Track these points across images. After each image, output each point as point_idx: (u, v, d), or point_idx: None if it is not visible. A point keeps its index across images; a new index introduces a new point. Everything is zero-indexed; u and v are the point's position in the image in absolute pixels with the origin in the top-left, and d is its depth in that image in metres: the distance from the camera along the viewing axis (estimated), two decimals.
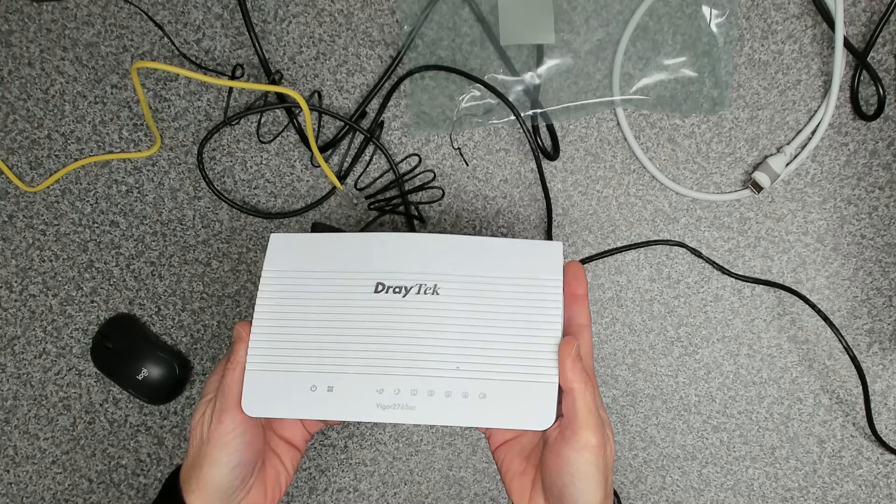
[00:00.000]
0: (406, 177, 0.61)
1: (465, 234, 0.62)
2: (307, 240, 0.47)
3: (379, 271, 0.45)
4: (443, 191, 0.62)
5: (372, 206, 0.61)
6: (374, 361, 0.44)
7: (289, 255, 0.46)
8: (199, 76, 0.56)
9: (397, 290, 0.45)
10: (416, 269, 0.45)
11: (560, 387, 0.43)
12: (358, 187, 0.62)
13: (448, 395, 0.43)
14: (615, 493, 0.47)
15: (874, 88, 0.59)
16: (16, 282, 0.63)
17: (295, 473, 0.50)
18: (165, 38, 0.61)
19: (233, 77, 0.60)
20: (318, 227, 0.51)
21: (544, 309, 0.44)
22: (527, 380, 0.43)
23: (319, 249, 0.46)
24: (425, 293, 0.45)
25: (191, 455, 0.45)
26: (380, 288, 0.45)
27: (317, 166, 0.62)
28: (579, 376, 0.42)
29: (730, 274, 0.61)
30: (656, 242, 0.61)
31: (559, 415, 0.43)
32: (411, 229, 0.61)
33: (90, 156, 0.62)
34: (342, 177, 0.62)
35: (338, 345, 0.45)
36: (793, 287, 0.61)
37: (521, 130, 0.61)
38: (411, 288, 0.45)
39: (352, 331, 0.45)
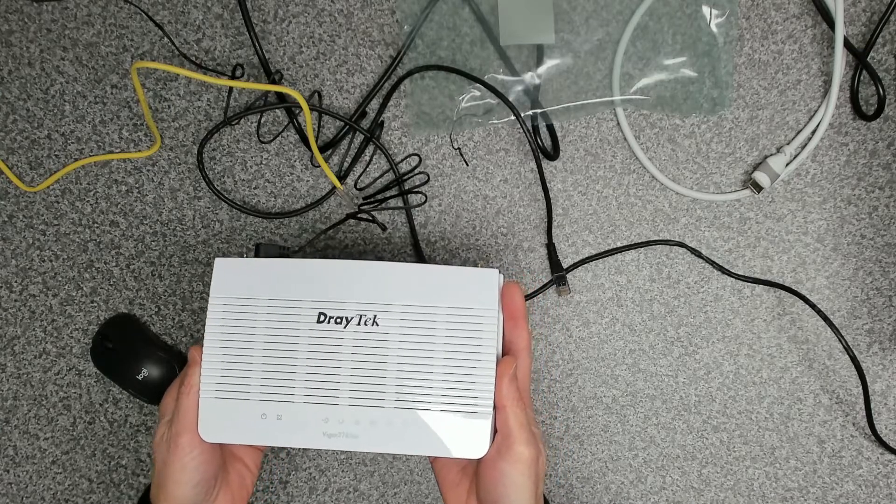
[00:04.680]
0: (406, 177, 0.61)
1: (464, 231, 0.62)
2: (252, 265, 0.48)
3: (321, 300, 0.47)
4: (425, 196, 0.61)
5: (363, 206, 0.61)
6: (318, 391, 0.47)
7: (235, 280, 0.48)
8: (199, 76, 0.56)
9: (338, 320, 0.47)
10: (356, 298, 0.47)
11: (495, 408, 0.46)
12: (358, 187, 0.62)
13: (389, 425, 0.46)
14: (546, 500, 0.49)
15: (874, 88, 0.59)
16: (16, 282, 0.63)
17: (259, 471, 0.53)
18: (165, 38, 0.61)
19: (233, 77, 0.60)
20: (261, 249, 0.52)
21: (479, 339, 0.46)
22: (463, 410, 0.46)
23: (264, 276, 0.48)
24: (365, 324, 0.47)
25: (155, 475, 0.47)
26: (322, 318, 0.47)
27: (317, 166, 0.62)
28: (512, 394, 0.45)
29: (730, 274, 0.61)
30: (656, 242, 0.61)
31: (493, 434, 0.46)
32: (413, 240, 0.61)
33: (90, 156, 0.62)
34: (342, 177, 0.62)
35: (284, 374, 0.47)
36: (793, 287, 0.61)
37: (521, 130, 0.61)
38: (352, 319, 0.47)
39: (297, 360, 0.47)
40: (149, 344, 0.61)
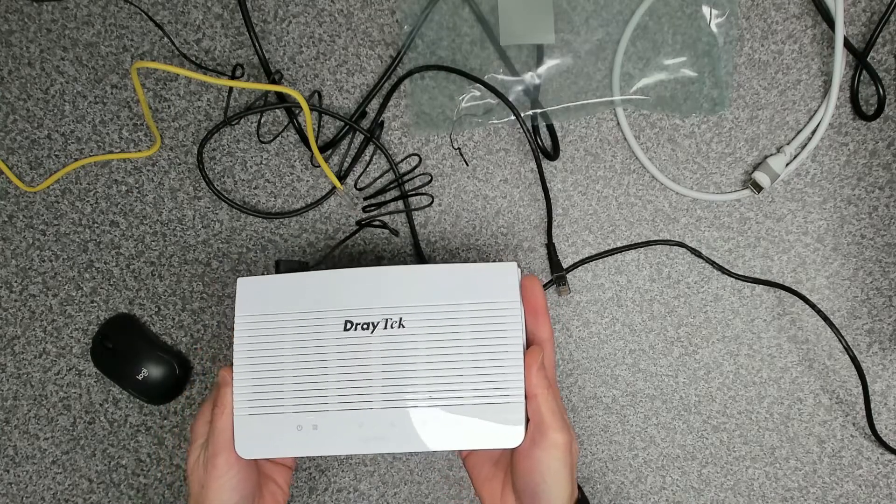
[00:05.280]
0: (406, 177, 0.61)
1: (464, 231, 0.62)
2: (274, 282, 0.49)
3: (346, 309, 0.48)
4: (432, 197, 0.61)
5: (365, 208, 0.61)
6: (352, 398, 0.47)
7: (259, 298, 0.49)
8: (199, 76, 0.56)
9: (365, 326, 0.47)
10: (380, 303, 0.48)
11: (526, 397, 0.46)
12: (358, 187, 0.62)
13: (424, 424, 0.46)
14: (580, 488, 0.49)
15: (874, 88, 0.59)
16: (16, 282, 0.63)
17: (290, 489, 0.53)
18: (165, 38, 0.61)
19: (233, 77, 0.60)
20: (281, 265, 0.52)
21: (504, 331, 0.47)
22: (495, 402, 0.46)
23: (287, 291, 0.49)
24: (392, 327, 0.47)
25: (192, 499, 0.47)
26: (349, 326, 0.48)
27: (317, 166, 0.62)
28: (542, 382, 0.45)
29: (730, 274, 0.61)
30: (656, 242, 0.61)
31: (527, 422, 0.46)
32: (414, 241, 0.61)
33: (90, 156, 0.62)
34: (342, 177, 0.62)
35: (316, 384, 0.47)
36: (793, 287, 0.61)
37: (521, 130, 0.61)
38: (378, 323, 0.47)
39: (328, 369, 0.47)
40: (149, 344, 0.61)
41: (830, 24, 0.59)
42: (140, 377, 0.60)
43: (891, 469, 0.62)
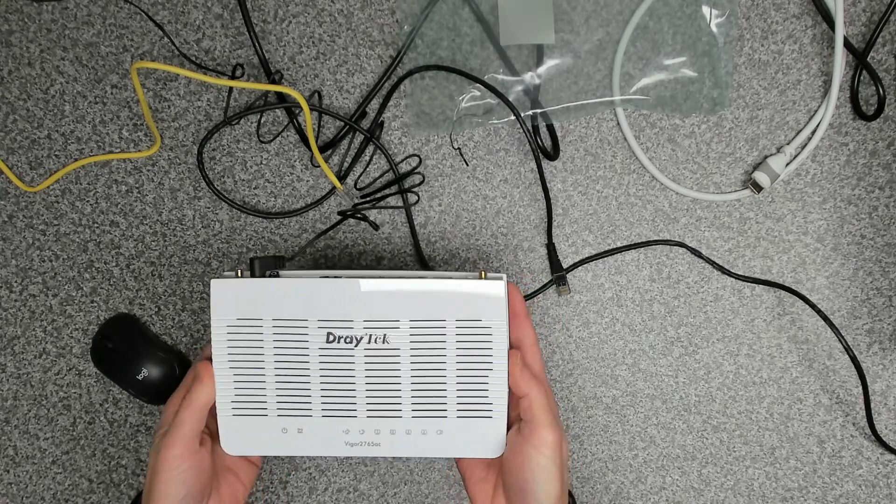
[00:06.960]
0: (406, 177, 0.61)
1: (464, 231, 0.62)
2: (251, 286, 0.47)
3: (328, 320, 0.47)
4: (417, 195, 0.61)
5: (358, 205, 0.61)
6: (335, 406, 0.47)
7: (235, 302, 0.47)
8: (199, 76, 0.56)
9: (348, 340, 0.47)
10: (363, 317, 0.47)
11: (514, 395, 0.47)
12: (358, 187, 0.62)
13: (409, 433, 0.47)
14: (570, 494, 0.49)
15: (874, 88, 0.59)
16: (16, 282, 0.63)
17: (252, 486, 0.53)
18: (165, 38, 0.61)
19: (233, 77, 0.60)
20: (256, 264, 0.50)
21: (491, 347, 0.47)
22: (478, 415, 0.47)
23: (265, 296, 0.47)
24: (375, 342, 0.47)
25: (146, 483, 0.46)
26: (331, 338, 0.47)
27: (317, 166, 0.62)
28: (530, 381, 0.46)
29: (730, 274, 0.61)
30: (656, 242, 0.61)
31: (512, 424, 0.48)
32: (414, 241, 0.61)
33: (90, 156, 0.62)
34: (342, 177, 0.62)
35: (299, 391, 0.47)
36: (793, 287, 0.61)
37: (521, 130, 0.61)
38: (361, 338, 0.47)
39: (311, 378, 0.47)
40: (149, 344, 0.61)
41: (830, 24, 0.59)
42: (140, 377, 0.60)
43: (891, 469, 0.62)
